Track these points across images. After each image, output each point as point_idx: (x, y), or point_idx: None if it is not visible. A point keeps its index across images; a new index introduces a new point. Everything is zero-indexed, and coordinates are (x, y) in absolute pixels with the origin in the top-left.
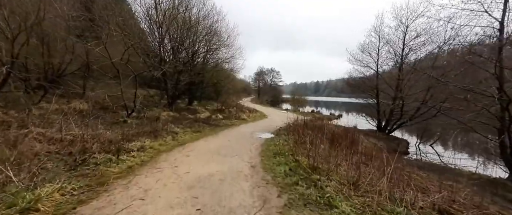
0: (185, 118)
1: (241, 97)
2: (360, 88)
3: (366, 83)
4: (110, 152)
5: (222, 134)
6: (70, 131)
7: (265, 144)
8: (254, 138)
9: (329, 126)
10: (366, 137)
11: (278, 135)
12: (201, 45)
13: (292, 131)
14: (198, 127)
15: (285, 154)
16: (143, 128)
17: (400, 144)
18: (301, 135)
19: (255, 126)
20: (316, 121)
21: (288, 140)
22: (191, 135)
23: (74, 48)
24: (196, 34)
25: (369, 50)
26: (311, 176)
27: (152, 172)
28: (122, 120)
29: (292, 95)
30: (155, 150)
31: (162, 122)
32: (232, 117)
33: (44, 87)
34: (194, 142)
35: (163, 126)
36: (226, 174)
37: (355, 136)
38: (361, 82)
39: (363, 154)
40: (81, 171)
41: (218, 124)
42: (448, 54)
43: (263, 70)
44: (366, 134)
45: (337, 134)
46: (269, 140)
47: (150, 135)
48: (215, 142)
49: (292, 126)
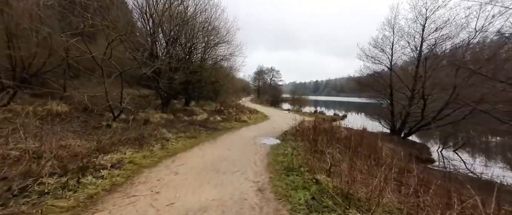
0: (180, 121)
1: (241, 97)
2: (373, 86)
3: (379, 82)
4: (69, 173)
5: (220, 140)
6: (19, 144)
7: (271, 153)
8: (258, 144)
9: (340, 129)
10: (381, 142)
11: (285, 140)
12: (198, 41)
13: (300, 136)
14: (193, 132)
15: (300, 170)
16: (128, 134)
17: (421, 151)
18: (311, 141)
19: (257, 129)
20: (323, 123)
21: (297, 148)
22: (184, 142)
23: (50, 42)
24: (193, 29)
25: (383, 45)
26: (347, 212)
27: (121, 204)
28: (106, 124)
29: (292, 95)
30: (135, 166)
31: (153, 126)
32: (231, 119)
33: (15, 86)
34: (187, 151)
35: (153, 131)
36: (225, 206)
37: (374, 142)
38: (373, 80)
39: (390, 168)
40: (12, 209)
41: (217, 128)
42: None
43: (262, 69)
44: (381, 137)
45: (354, 140)
46: (275, 148)
47: (134, 144)
48: (212, 151)
49: (299, 130)
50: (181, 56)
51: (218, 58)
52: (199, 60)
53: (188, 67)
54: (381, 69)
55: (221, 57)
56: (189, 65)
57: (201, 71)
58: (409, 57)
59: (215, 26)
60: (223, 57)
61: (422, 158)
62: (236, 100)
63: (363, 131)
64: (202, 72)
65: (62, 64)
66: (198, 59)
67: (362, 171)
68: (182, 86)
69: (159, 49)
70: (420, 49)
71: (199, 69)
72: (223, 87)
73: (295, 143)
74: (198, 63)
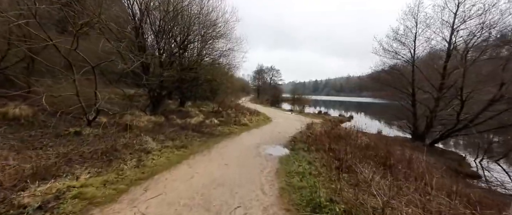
0: (171, 125)
1: (240, 97)
2: (391, 84)
3: (398, 79)
4: None
5: (216, 150)
6: None
7: (282, 170)
8: (262, 156)
9: (357, 134)
10: (409, 151)
11: (295, 150)
12: (194, 33)
13: (313, 143)
14: (184, 139)
15: (334, 211)
16: (98, 145)
17: (460, 162)
18: (328, 151)
19: (259, 134)
20: (336, 127)
21: (314, 162)
22: (170, 155)
23: (8, 31)
24: (187, 20)
25: (404, 37)
26: None
27: None
28: (74, 132)
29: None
30: (82, 202)
31: (137, 131)
32: (230, 122)
33: None
34: (171, 170)
35: (133, 140)
36: None
37: (402, 151)
38: (390, 77)
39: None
40: None
41: (213, 133)
42: None
43: (262, 68)
44: (402, 144)
45: (380, 150)
46: (285, 161)
47: (101, 159)
48: (204, 168)
49: (311, 136)
50: (174, 50)
51: (216, 54)
52: (195, 55)
53: (181, 63)
54: (397, 64)
55: (219, 52)
56: (184, 61)
57: (196, 68)
58: (436, 50)
59: (212, 16)
60: (221, 52)
61: (463, 171)
62: (235, 100)
63: (381, 136)
64: (198, 69)
65: (26, 58)
66: (194, 55)
67: (417, 205)
68: (175, 84)
69: (148, 41)
70: (450, 40)
71: (194, 66)
72: (221, 86)
73: (308, 154)
74: (194, 59)
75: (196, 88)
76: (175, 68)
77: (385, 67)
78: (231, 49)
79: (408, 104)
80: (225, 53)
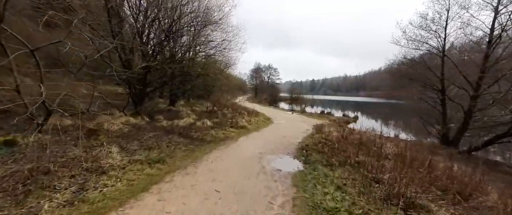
0: (153, 128)
1: (237, 96)
2: (416, 78)
3: (424, 73)
4: None
5: (206, 166)
6: None
7: (302, 200)
8: (269, 173)
9: (380, 140)
10: (444, 160)
11: (309, 163)
12: (183, 19)
13: (330, 152)
14: (165, 148)
15: None
16: (24, 165)
17: None
18: (355, 165)
19: (261, 138)
20: (349, 129)
21: (344, 186)
22: (136, 175)
23: None
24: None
25: (434, 22)
26: None
27: None
28: (3, 140)
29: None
30: None
31: (103, 138)
32: (226, 124)
33: None
34: (128, 205)
35: (88, 153)
36: None
37: (449, 166)
38: (412, 71)
39: None
40: None
41: (204, 138)
42: None
43: (260, 67)
44: (434, 151)
45: (419, 162)
46: (302, 182)
47: (14, 191)
48: (183, 200)
49: (327, 143)
50: (161, 37)
51: (210, 46)
52: (186, 45)
53: (173, 55)
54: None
55: (213, 44)
56: (174, 51)
57: (187, 61)
58: (470, 40)
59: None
60: (216, 44)
61: None
62: (232, 99)
63: (405, 141)
64: (189, 62)
65: None
66: (185, 43)
67: None
68: (161, 79)
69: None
70: (493, 26)
71: (184, 58)
72: (216, 82)
73: (330, 170)
74: (185, 49)
75: (187, 85)
76: (162, 60)
77: (405, 60)
78: (226, 39)
79: (435, 103)
80: (220, 45)
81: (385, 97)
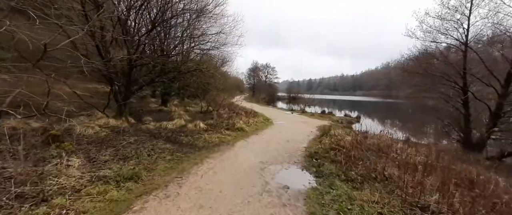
0: (136, 131)
1: (234, 96)
2: (433, 73)
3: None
4: None
5: (193, 183)
6: None
7: None
8: (274, 192)
9: (397, 144)
10: (477, 169)
11: (324, 177)
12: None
13: (351, 164)
14: (146, 157)
15: None
16: None
17: None
18: (382, 179)
19: (262, 144)
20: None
21: None
22: (92, 204)
23: None
24: None
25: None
26: None
27: None
28: None
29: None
30: None
31: (69, 145)
32: (222, 126)
33: None
34: None
35: (37, 167)
36: None
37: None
38: (428, 65)
39: None
40: None
41: (195, 144)
42: None
43: (257, 65)
44: (459, 158)
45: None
46: (316, 204)
47: None
48: None
49: (340, 150)
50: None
51: (203, 40)
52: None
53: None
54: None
55: (208, 38)
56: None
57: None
58: (499, 30)
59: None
60: (211, 38)
61: None
62: (229, 99)
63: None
64: (181, 57)
65: None
66: (174, 36)
67: None
68: (147, 77)
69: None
70: None
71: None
72: (211, 80)
73: (352, 188)
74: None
75: (179, 82)
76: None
77: (419, 55)
78: (223, 32)
79: (454, 102)
80: (215, 38)
81: (382, 96)
